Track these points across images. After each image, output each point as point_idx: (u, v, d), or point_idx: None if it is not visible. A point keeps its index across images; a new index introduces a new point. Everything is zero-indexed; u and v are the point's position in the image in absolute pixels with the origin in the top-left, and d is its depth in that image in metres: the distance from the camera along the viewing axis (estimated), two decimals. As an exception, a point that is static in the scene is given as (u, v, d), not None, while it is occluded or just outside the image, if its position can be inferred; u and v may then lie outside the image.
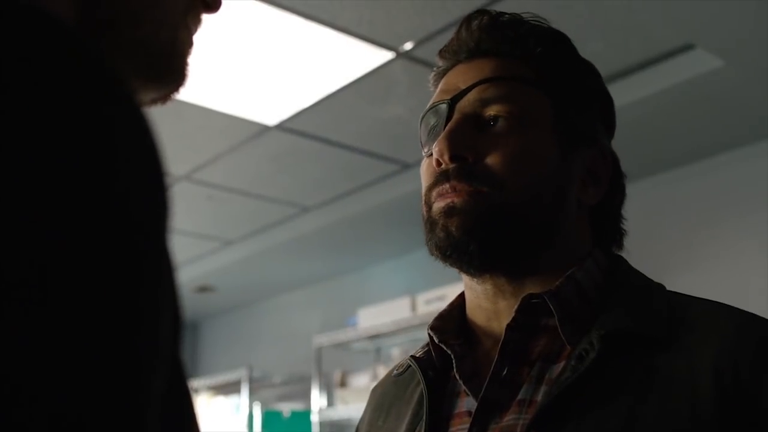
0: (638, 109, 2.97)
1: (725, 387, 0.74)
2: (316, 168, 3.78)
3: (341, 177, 3.89)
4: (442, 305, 0.98)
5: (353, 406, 4.25)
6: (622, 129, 3.35)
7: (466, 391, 0.86)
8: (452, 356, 0.88)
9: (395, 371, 0.99)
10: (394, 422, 0.93)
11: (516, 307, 0.85)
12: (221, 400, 5.35)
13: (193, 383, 5.42)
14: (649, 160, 3.48)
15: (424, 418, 0.86)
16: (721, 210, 3.44)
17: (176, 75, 0.52)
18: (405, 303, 4.08)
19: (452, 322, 0.93)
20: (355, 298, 4.90)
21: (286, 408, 5.07)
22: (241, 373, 4.99)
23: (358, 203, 4.10)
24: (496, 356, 0.84)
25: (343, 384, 4.52)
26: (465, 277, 0.92)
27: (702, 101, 2.95)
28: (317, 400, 4.53)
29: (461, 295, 0.96)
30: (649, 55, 2.80)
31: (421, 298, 4.00)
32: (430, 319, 0.94)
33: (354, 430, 1.04)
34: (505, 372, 0.84)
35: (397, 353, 4.29)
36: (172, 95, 0.54)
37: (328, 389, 4.66)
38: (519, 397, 0.82)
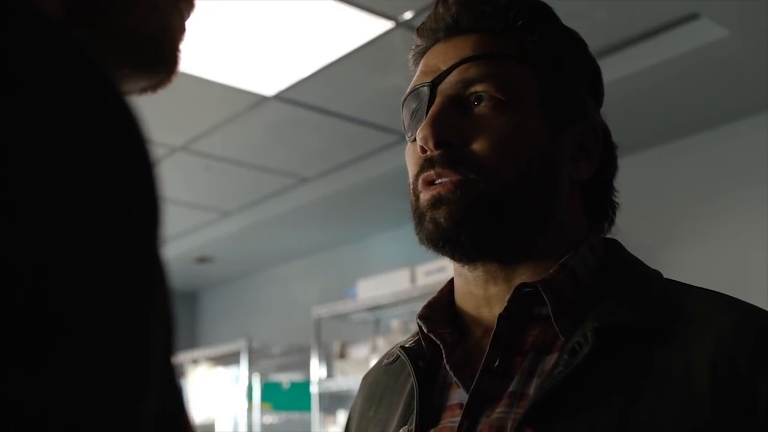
0: (642, 79, 2.93)
1: (722, 383, 0.72)
2: (315, 138, 3.75)
3: (340, 147, 3.87)
4: (442, 277, 0.96)
5: (353, 377, 4.26)
6: (625, 100, 3.31)
7: (457, 382, 0.84)
8: (441, 346, 0.85)
9: (385, 360, 0.96)
10: (386, 413, 0.90)
11: (508, 296, 0.82)
12: (220, 371, 5.37)
13: (193, 354, 5.44)
14: (652, 131, 3.45)
15: (415, 410, 0.84)
16: (725, 181, 3.42)
17: (168, 63, 0.50)
18: (404, 274, 4.08)
19: (442, 309, 0.91)
20: (354, 269, 4.89)
21: (286, 379, 5.09)
22: (240, 344, 5.00)
23: (358, 174, 4.08)
24: (488, 347, 0.82)
25: (342, 355, 4.53)
26: (455, 264, 0.89)
27: (706, 72, 2.92)
28: (316, 371, 4.54)
29: (451, 281, 0.93)
30: (653, 24, 2.76)
31: (421, 269, 4.00)
32: (430, 291, 0.93)
33: (353, 402, 1.03)
34: (497, 363, 0.81)
35: (397, 324, 4.30)
36: (163, 84, 0.51)
37: (327, 360, 4.67)
38: (510, 389, 0.79)
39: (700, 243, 3.42)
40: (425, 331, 0.88)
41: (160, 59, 0.49)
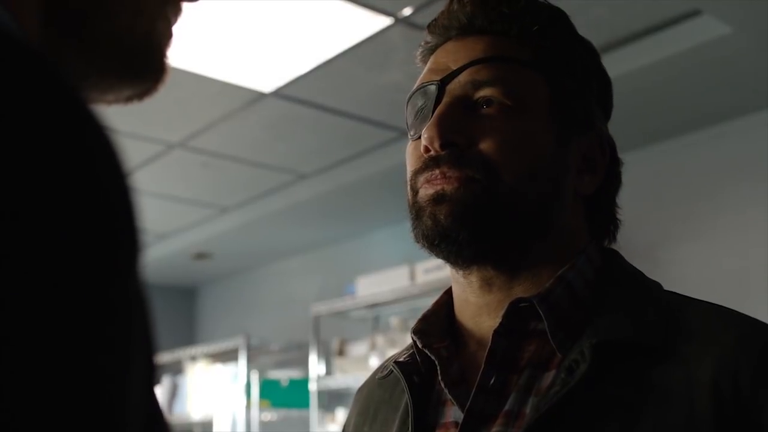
0: (643, 76, 2.92)
1: (725, 401, 0.70)
2: (313, 135, 3.73)
3: (338, 144, 3.85)
4: (442, 274, 0.94)
5: (351, 375, 4.25)
6: (626, 97, 3.31)
7: (452, 400, 0.82)
8: (437, 362, 0.83)
9: (379, 374, 0.94)
10: (381, 429, 0.89)
11: (503, 312, 0.80)
12: (219, 367, 5.35)
13: (191, 351, 5.43)
14: (652, 128, 3.44)
15: (410, 429, 0.82)
16: (726, 179, 3.40)
17: (154, 71, 0.47)
18: (404, 272, 4.06)
19: (438, 322, 0.89)
20: (353, 266, 4.87)
21: (284, 376, 5.08)
22: (238, 341, 4.99)
23: (356, 170, 4.06)
24: (483, 365, 0.80)
25: (341, 352, 4.52)
26: (452, 271, 0.87)
27: (708, 69, 2.90)
28: (315, 368, 4.52)
29: (447, 292, 0.92)
30: (654, 21, 2.74)
31: (420, 267, 3.97)
32: (429, 289, 0.91)
33: (347, 414, 1.01)
34: (492, 381, 0.80)
35: (396, 322, 4.28)
36: (149, 92, 0.49)
37: (326, 357, 4.66)
38: (506, 407, 0.78)
39: (701, 240, 3.40)
40: (420, 346, 0.86)
41: (146, 66, 0.47)
